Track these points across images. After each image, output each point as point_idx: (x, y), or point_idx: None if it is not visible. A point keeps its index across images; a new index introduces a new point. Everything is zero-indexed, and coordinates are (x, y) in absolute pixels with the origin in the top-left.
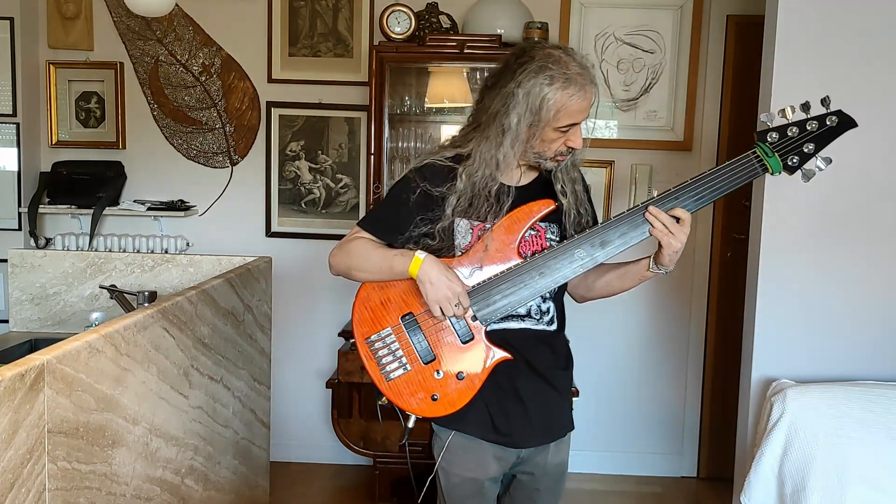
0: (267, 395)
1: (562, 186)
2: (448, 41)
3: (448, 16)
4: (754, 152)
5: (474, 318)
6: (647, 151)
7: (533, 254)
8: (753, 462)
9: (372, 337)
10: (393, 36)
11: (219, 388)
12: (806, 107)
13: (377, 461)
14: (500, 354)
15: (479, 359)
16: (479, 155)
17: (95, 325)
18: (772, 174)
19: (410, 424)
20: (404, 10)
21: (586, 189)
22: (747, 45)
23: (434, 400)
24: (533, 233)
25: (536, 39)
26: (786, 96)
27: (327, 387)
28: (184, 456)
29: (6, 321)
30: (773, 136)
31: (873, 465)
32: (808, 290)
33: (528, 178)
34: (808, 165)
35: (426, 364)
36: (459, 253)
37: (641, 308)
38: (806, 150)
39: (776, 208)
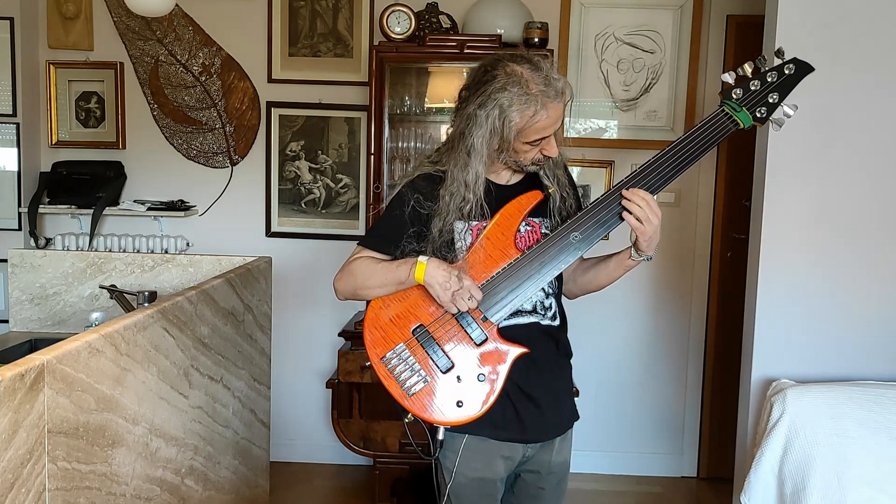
0: (267, 395)
1: (544, 172)
2: (448, 41)
3: (448, 16)
4: (723, 110)
5: (484, 318)
6: (647, 151)
7: (529, 247)
8: (753, 462)
9: (387, 355)
10: (393, 36)
11: (219, 388)
12: (761, 61)
13: (377, 461)
14: (516, 350)
15: (496, 358)
16: (452, 176)
17: (95, 325)
18: (743, 128)
19: (440, 436)
20: (404, 10)
21: (567, 171)
22: (747, 45)
23: (459, 406)
24: (528, 228)
25: (500, 54)
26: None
27: (327, 387)
28: (184, 456)
29: (6, 321)
30: (738, 92)
31: (873, 465)
32: (808, 290)
33: (517, 177)
34: (777, 115)
35: (445, 372)
36: (462, 255)
37: (641, 308)
38: (771, 101)
39: (776, 208)
